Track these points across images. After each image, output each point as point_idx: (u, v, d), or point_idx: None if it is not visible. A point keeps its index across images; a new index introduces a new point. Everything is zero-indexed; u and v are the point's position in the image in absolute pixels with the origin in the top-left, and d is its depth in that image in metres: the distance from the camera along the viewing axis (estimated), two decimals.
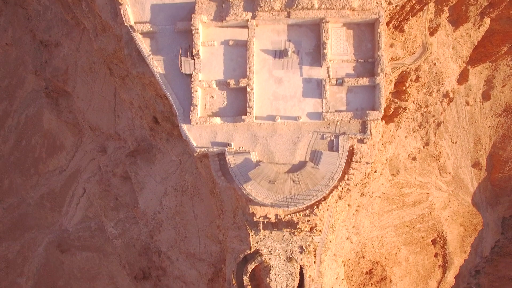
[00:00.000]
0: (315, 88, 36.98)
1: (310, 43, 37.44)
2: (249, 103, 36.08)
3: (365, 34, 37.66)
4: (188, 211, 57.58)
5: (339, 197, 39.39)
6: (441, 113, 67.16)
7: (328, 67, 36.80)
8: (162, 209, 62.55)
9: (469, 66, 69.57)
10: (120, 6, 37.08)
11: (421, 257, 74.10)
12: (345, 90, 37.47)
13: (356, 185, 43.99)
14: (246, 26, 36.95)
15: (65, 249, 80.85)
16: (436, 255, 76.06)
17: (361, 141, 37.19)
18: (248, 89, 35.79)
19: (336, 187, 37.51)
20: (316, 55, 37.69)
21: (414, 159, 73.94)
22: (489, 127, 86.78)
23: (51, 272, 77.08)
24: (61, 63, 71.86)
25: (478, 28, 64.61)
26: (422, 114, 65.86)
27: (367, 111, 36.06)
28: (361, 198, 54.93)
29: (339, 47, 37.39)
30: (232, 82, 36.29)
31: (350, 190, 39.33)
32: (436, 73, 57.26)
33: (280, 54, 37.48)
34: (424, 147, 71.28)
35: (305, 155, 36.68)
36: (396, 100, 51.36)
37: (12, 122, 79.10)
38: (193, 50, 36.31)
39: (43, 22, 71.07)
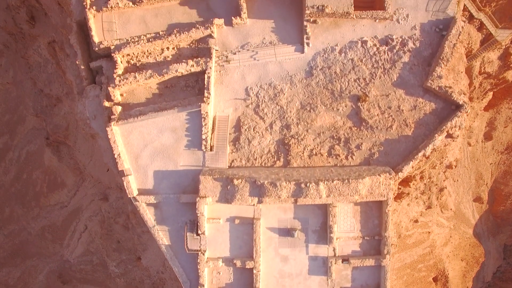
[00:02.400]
0: (321, 266, 37.56)
1: (317, 220, 37.21)
2: (255, 284, 36.64)
3: (373, 210, 37.41)
4: None
5: None
6: (444, 180, 67.18)
7: (334, 248, 36.72)
8: (165, 270, 63.82)
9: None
10: (123, 178, 36.28)
11: None
12: (350, 267, 37.67)
13: None
14: (252, 204, 36.36)
15: (67, 280, 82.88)
16: None
17: None
18: (255, 271, 36.10)
19: None
20: (323, 233, 37.62)
21: (416, 221, 74.55)
22: (490, 164, 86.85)
23: None
24: (61, 121, 70.84)
25: (482, 99, 63.51)
26: (425, 184, 65.73)
27: None
28: None
29: (346, 224, 37.15)
30: (238, 263, 36.78)
31: None
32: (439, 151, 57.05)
33: (286, 232, 37.35)
34: (426, 209, 71.79)
35: None
36: (400, 187, 51.27)
37: (13, 156, 78.80)
38: (199, 230, 35.95)
39: (43, 74, 69.39)
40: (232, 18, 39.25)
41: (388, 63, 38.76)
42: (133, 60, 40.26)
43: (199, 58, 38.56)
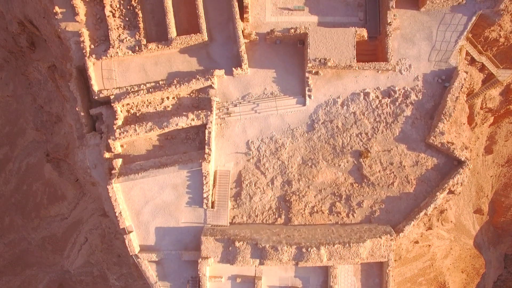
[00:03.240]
0: None
1: (318, 279, 37.58)
2: None
3: (373, 269, 37.76)
4: None
5: None
6: (445, 203, 67.42)
7: None
8: None
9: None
10: (125, 236, 36.44)
11: None
12: None
13: None
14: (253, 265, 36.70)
15: None
16: None
17: None
18: None
19: None
20: None
21: (416, 242, 75.06)
22: (491, 176, 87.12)
23: None
24: (62, 140, 70.52)
25: (483, 124, 63.55)
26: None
27: None
28: None
29: (346, 282, 37.56)
30: None
31: None
32: None
33: None
34: (426, 230, 72.23)
35: None
36: None
37: (13, 167, 78.83)
38: None
39: (43, 91, 69.01)
40: (233, 68, 38.47)
41: (391, 117, 38.46)
42: (133, 109, 39.93)
43: (199, 111, 38.22)
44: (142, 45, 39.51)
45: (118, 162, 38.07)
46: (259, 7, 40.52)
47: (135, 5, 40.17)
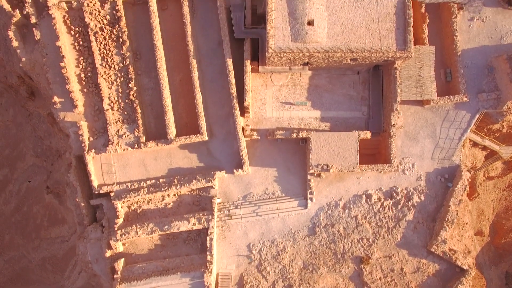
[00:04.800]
0: None
1: None
2: None
3: None
4: None
5: None
6: None
7: None
8: None
9: None
10: None
11: None
12: None
13: None
14: None
15: None
16: None
17: None
18: None
19: None
20: None
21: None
22: (492, 200, 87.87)
23: None
24: (62, 177, 70.78)
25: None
26: None
27: None
28: None
29: None
30: None
31: None
32: None
33: None
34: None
35: None
36: None
37: (13, 188, 79.22)
38: None
39: (43, 125, 68.85)
40: (234, 170, 38.19)
41: (392, 221, 38.47)
42: (133, 205, 39.86)
43: (201, 215, 38.21)
44: (141, 143, 38.86)
45: (120, 264, 38.33)
46: (260, 101, 39.79)
47: (133, 99, 39.30)
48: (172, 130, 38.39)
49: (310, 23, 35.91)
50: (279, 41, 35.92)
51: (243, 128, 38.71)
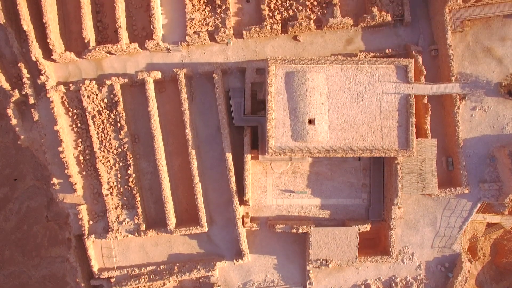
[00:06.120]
0: None
1: None
2: None
3: None
4: None
5: None
6: None
7: None
8: None
9: None
10: None
11: None
12: None
13: None
14: None
15: None
16: None
17: None
18: None
19: None
20: None
21: None
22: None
23: None
24: (62, 211, 70.98)
25: None
26: None
27: None
28: None
29: None
30: None
31: None
32: None
33: None
34: None
35: None
36: None
37: (13, 207, 79.38)
38: None
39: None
40: (234, 260, 38.53)
41: None
42: None
43: None
44: (141, 231, 39.04)
45: None
46: (260, 189, 39.73)
47: (132, 186, 39.25)
48: (172, 221, 38.42)
49: (311, 122, 35.42)
50: (280, 140, 35.58)
51: (243, 217, 38.58)
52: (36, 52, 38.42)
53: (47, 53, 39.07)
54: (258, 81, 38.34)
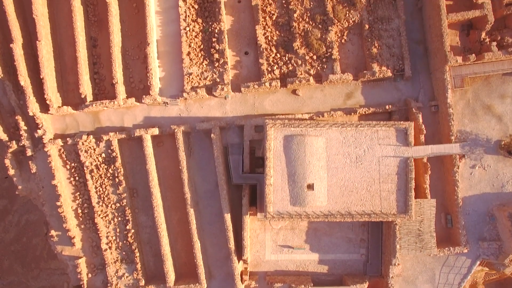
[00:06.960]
0: None
1: None
2: None
3: None
4: None
5: None
6: None
7: None
8: None
9: None
10: None
11: None
12: None
13: None
14: None
15: None
16: None
17: None
18: None
19: None
20: None
21: None
22: None
23: None
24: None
25: None
26: None
27: None
28: None
29: None
30: None
31: None
32: None
33: None
34: None
35: None
36: None
37: (12, 219, 79.90)
38: None
39: None
40: None
41: None
42: None
43: None
44: (140, 287, 39.37)
45: None
46: (258, 244, 39.87)
47: (131, 241, 39.44)
48: (171, 278, 38.70)
49: (310, 187, 35.29)
50: (278, 205, 35.56)
51: (241, 274, 38.83)
52: (33, 107, 38.17)
53: (45, 106, 38.80)
54: (256, 138, 38.00)
